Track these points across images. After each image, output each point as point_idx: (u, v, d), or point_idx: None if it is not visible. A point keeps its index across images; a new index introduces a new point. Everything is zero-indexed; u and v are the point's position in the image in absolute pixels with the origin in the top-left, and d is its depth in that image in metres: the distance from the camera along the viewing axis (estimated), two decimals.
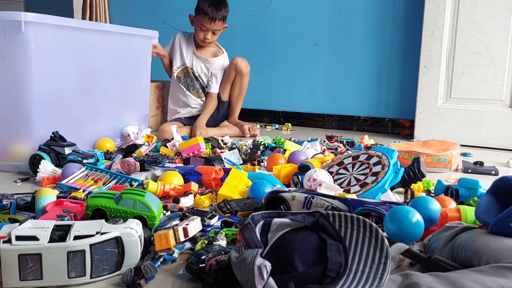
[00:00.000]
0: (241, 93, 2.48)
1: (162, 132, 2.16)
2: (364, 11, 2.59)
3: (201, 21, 2.28)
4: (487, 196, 0.86)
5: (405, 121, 2.57)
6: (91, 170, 1.38)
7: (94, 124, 1.87)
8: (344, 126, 2.73)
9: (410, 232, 0.90)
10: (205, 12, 2.25)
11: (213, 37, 2.36)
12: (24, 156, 1.55)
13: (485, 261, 0.72)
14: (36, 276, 0.76)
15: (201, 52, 2.44)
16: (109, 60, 1.91)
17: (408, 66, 2.50)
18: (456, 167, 1.69)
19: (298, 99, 2.84)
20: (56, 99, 1.65)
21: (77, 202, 1.06)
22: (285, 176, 1.39)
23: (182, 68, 2.45)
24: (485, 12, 2.14)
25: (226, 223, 1.05)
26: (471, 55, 2.20)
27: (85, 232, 0.79)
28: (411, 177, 1.24)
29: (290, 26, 2.77)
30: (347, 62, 2.67)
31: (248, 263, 0.67)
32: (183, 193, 1.24)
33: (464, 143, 2.18)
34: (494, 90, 2.18)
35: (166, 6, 3.12)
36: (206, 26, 2.29)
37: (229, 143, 1.97)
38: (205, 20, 2.27)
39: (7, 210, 1.06)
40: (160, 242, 0.89)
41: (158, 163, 1.53)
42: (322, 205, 1.04)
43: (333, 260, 0.71)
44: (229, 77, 2.44)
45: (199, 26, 2.31)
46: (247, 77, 2.46)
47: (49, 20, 1.56)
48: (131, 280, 0.77)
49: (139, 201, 0.93)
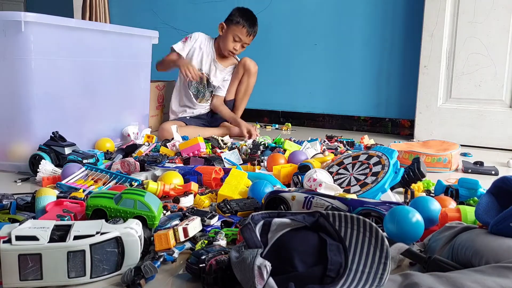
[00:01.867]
0: (247, 92, 2.50)
1: (163, 131, 2.16)
2: (364, 11, 2.59)
3: (237, 31, 2.29)
4: (487, 196, 0.86)
5: (405, 121, 2.57)
6: (91, 170, 1.38)
7: (94, 124, 1.87)
8: (344, 126, 2.73)
9: (410, 232, 0.90)
10: (243, 25, 2.27)
11: (241, 50, 2.38)
12: (24, 156, 1.55)
13: (485, 261, 0.72)
14: (36, 276, 0.76)
15: (221, 61, 2.43)
16: (109, 60, 1.91)
17: (408, 66, 2.50)
18: (456, 167, 1.69)
19: (298, 99, 2.84)
20: (56, 99, 1.65)
21: (77, 202, 1.06)
22: (285, 176, 1.39)
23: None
24: (485, 12, 2.14)
25: (226, 223, 1.05)
26: (471, 55, 2.19)
27: (85, 232, 0.79)
28: (411, 177, 1.24)
29: (290, 26, 2.77)
30: (347, 62, 2.67)
31: (248, 263, 0.67)
32: (183, 193, 1.24)
33: (464, 143, 2.18)
34: (494, 90, 2.18)
35: (166, 6, 3.12)
36: (240, 38, 2.30)
37: (229, 143, 1.97)
38: (242, 32, 2.29)
39: (7, 210, 1.06)
40: (160, 242, 0.89)
41: (158, 163, 1.53)
42: (322, 205, 1.04)
43: (333, 260, 0.71)
44: (237, 76, 2.46)
45: (232, 36, 2.30)
46: (254, 77, 2.47)
47: (49, 20, 1.56)
48: (131, 280, 0.77)
49: (139, 201, 0.93)
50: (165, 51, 2.43)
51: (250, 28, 2.30)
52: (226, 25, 2.33)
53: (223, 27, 2.34)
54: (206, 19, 2.97)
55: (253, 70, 2.45)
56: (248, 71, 2.44)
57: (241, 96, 2.51)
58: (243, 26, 2.28)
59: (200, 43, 2.40)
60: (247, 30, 2.29)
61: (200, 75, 2.30)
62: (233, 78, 2.47)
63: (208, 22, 2.93)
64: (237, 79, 2.47)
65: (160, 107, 2.63)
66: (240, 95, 2.50)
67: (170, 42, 2.49)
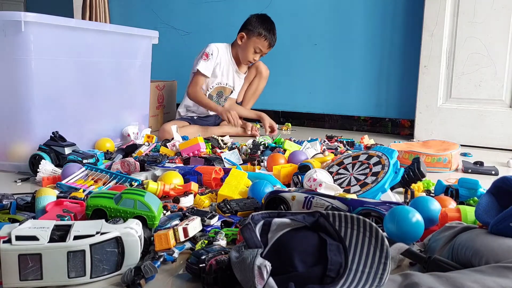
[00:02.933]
0: (255, 94, 2.50)
1: (163, 132, 2.16)
2: (364, 11, 2.59)
3: (259, 44, 2.27)
4: (487, 196, 0.86)
5: (405, 121, 2.57)
6: (91, 170, 1.38)
7: (94, 124, 1.87)
8: (344, 126, 2.73)
9: (410, 232, 0.90)
10: (266, 37, 2.26)
11: (258, 59, 2.37)
12: (24, 156, 1.55)
13: (485, 261, 0.72)
14: (36, 276, 0.76)
15: (240, 69, 2.42)
16: (109, 60, 1.91)
17: (408, 66, 2.50)
18: (456, 167, 1.69)
19: (298, 99, 2.84)
20: (56, 99, 1.65)
21: (77, 202, 1.06)
22: (285, 176, 1.39)
23: (218, 86, 2.38)
24: (485, 12, 2.14)
25: (226, 223, 1.05)
26: (471, 55, 2.19)
27: (85, 232, 0.79)
28: (411, 177, 1.24)
29: (290, 26, 2.77)
30: (347, 62, 2.67)
31: (248, 263, 0.67)
32: (183, 193, 1.24)
33: (464, 143, 2.18)
34: (494, 90, 2.18)
35: (166, 6, 3.11)
36: (262, 50, 2.29)
37: (229, 143, 1.97)
38: (264, 45, 2.28)
39: (7, 210, 1.06)
40: (160, 242, 0.89)
41: (158, 163, 1.53)
42: (322, 205, 1.04)
43: (333, 260, 0.71)
44: (248, 78, 2.47)
45: (253, 47, 2.28)
46: (264, 81, 2.48)
47: (49, 20, 1.55)
48: (131, 280, 0.77)
49: (139, 201, 0.93)
50: (165, 51, 2.43)
51: (273, 41, 2.30)
52: (247, 36, 2.28)
53: (243, 37, 2.29)
54: (206, 19, 2.97)
55: (264, 74, 2.46)
56: (260, 74, 2.44)
57: (249, 98, 2.51)
58: (266, 39, 2.26)
59: (221, 57, 2.34)
60: (269, 43, 2.28)
61: (241, 124, 2.29)
62: (244, 79, 2.48)
63: (208, 22, 2.94)
64: (247, 81, 2.47)
65: (160, 107, 2.63)
66: (248, 96, 2.51)
67: (170, 42, 2.50)
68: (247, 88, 2.50)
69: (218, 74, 2.34)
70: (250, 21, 2.30)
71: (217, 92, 2.39)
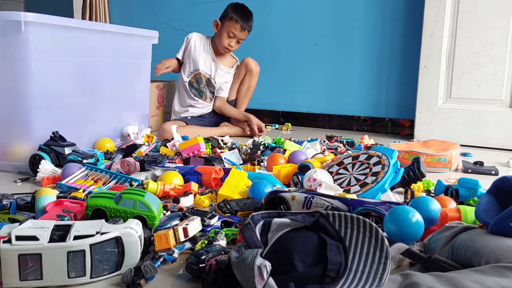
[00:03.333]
0: (249, 92, 2.50)
1: (163, 132, 2.16)
2: (364, 11, 2.59)
3: (231, 27, 2.29)
4: (487, 196, 0.86)
5: (405, 121, 2.57)
6: (91, 170, 1.38)
7: (94, 124, 1.87)
8: (344, 126, 2.73)
9: (410, 232, 0.90)
10: (237, 20, 2.27)
11: (236, 46, 2.37)
12: (24, 156, 1.55)
13: (485, 261, 0.72)
14: (36, 276, 0.76)
15: (221, 60, 2.43)
16: (109, 60, 1.91)
17: (408, 66, 2.50)
18: (456, 167, 1.69)
19: (298, 99, 2.84)
20: (56, 99, 1.65)
21: (77, 202, 1.06)
22: (285, 176, 1.39)
23: (196, 73, 2.42)
24: (485, 12, 2.14)
25: (226, 223, 1.05)
26: (471, 55, 2.19)
27: (85, 232, 0.79)
28: (411, 177, 1.24)
29: (290, 26, 2.77)
30: (347, 62, 2.67)
31: (248, 263, 0.67)
32: (183, 193, 1.24)
33: (464, 143, 2.18)
34: (494, 90, 2.18)
35: (166, 6, 3.11)
36: (234, 34, 2.30)
37: (229, 143, 1.97)
38: (235, 28, 2.28)
39: (7, 210, 1.06)
40: (160, 242, 0.89)
41: (158, 163, 1.53)
42: (322, 205, 1.04)
43: (333, 260, 0.71)
44: (239, 76, 2.46)
45: (226, 32, 2.30)
46: (256, 77, 2.48)
47: (49, 20, 1.55)
48: (131, 280, 0.76)
49: (139, 201, 0.93)
50: (165, 51, 2.43)
51: (244, 23, 2.29)
52: (221, 22, 2.34)
53: (218, 24, 2.35)
54: (206, 19, 2.96)
55: (255, 70, 2.45)
56: (250, 71, 2.44)
57: (243, 96, 2.51)
58: (237, 22, 2.28)
59: (194, 44, 2.41)
60: (241, 26, 2.28)
61: (165, 65, 2.33)
62: (235, 78, 2.48)
63: (208, 22, 2.92)
64: (238, 79, 2.47)
65: (160, 107, 2.63)
66: (241, 95, 2.50)
67: (170, 42, 2.50)
68: (239, 87, 2.49)
69: (193, 61, 2.41)
70: (226, 9, 2.35)
71: (196, 79, 2.43)
